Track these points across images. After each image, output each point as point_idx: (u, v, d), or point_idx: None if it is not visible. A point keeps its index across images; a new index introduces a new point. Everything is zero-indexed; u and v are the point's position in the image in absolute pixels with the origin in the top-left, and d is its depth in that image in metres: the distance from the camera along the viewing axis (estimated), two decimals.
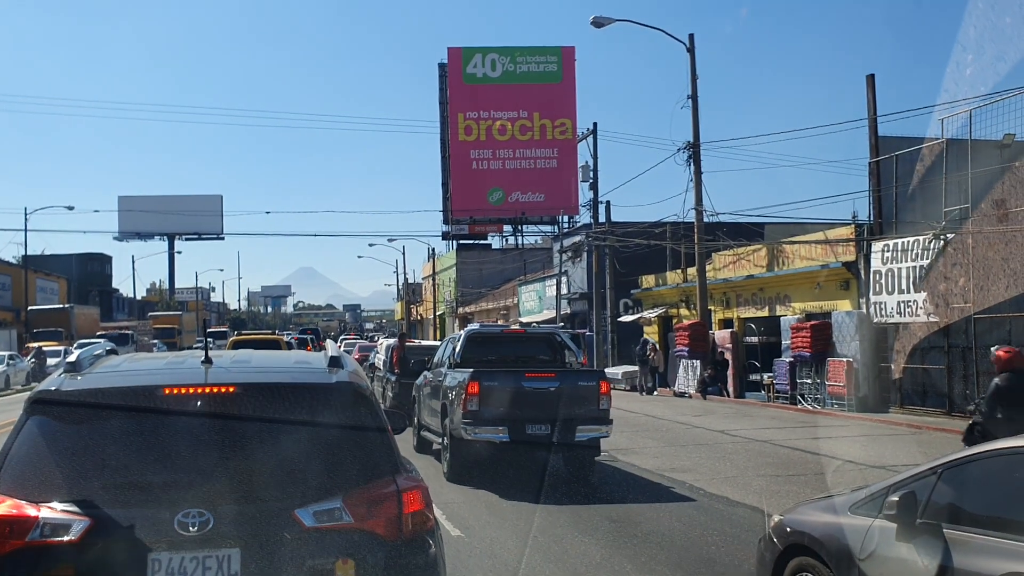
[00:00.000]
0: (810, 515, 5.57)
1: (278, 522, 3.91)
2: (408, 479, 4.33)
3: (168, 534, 3.80)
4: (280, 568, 3.87)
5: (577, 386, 12.14)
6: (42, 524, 3.78)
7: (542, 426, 11.72)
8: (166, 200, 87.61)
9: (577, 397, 11.95)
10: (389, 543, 4.03)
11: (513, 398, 11.74)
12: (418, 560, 4.12)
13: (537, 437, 11.76)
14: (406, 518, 4.11)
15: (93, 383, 4.37)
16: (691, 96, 28.06)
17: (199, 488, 3.94)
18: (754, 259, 28.82)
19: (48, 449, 4.05)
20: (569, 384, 12.14)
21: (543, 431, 11.71)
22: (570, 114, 64.34)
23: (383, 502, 4.09)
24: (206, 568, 3.82)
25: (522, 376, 12.14)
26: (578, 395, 11.98)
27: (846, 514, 5.18)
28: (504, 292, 64.64)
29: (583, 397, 11.99)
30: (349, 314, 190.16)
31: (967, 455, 4.89)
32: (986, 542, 4.29)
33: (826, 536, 5.22)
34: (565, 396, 11.87)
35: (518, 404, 11.74)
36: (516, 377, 12.08)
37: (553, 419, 11.71)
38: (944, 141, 19.87)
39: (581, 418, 11.84)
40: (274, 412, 4.26)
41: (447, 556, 6.55)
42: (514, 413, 11.68)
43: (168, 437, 4.15)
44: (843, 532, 5.10)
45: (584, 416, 11.88)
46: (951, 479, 4.76)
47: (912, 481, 4.89)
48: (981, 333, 18.95)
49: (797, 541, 5.46)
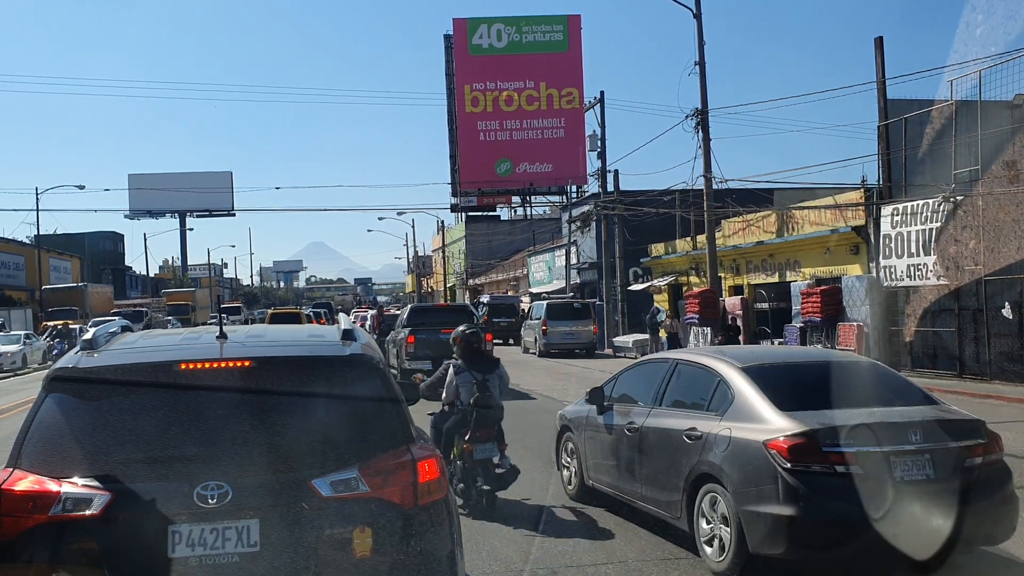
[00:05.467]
0: (569, 408, 9.79)
1: (296, 492, 3.97)
2: (423, 448, 4.40)
3: (188, 506, 3.85)
4: (299, 537, 3.93)
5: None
6: (64, 499, 3.85)
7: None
8: (176, 177, 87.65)
9: None
10: (405, 511, 4.09)
11: (434, 343, 18.97)
12: (433, 527, 4.18)
13: None
14: (421, 487, 4.17)
15: (110, 360, 4.41)
16: (698, 63, 27.87)
17: (217, 461, 3.99)
18: (763, 225, 28.77)
19: (67, 426, 4.11)
20: None
21: None
22: (577, 83, 63.95)
23: (398, 471, 4.16)
24: (226, 539, 3.87)
25: (439, 331, 18.46)
26: None
27: (582, 405, 9.09)
28: (514, 263, 64.73)
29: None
30: (361, 287, 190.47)
31: (629, 366, 9.20)
32: (630, 409, 8.14)
33: (573, 417, 9.38)
34: None
35: (437, 346, 18.42)
36: (436, 331, 19.08)
37: None
38: (954, 103, 19.75)
39: None
40: (289, 385, 4.32)
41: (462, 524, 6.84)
42: (436, 352, 18.48)
43: (185, 411, 4.19)
44: (579, 414, 9.20)
45: None
46: (621, 379, 8.81)
47: (605, 384, 8.87)
48: (992, 295, 18.95)
49: (564, 423, 9.60)
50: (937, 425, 6.37)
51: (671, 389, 7.73)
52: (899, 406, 6.65)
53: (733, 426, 6.61)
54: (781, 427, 6.26)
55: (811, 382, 7.02)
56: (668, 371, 7.90)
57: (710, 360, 7.45)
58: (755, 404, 6.62)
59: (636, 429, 7.78)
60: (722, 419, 6.76)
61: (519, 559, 7.16)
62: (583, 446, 8.93)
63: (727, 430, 6.62)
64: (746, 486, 6.29)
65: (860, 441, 6.08)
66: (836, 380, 6.93)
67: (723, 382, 7.03)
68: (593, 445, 8.71)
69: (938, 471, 6.12)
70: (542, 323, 33.01)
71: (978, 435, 6.37)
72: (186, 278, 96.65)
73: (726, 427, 6.65)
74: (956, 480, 6.13)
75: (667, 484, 7.21)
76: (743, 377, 6.90)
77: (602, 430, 8.47)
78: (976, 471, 6.21)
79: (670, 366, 7.97)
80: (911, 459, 6.12)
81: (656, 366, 8.38)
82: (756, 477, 6.23)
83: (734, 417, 6.68)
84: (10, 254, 57.81)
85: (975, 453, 6.25)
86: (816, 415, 6.32)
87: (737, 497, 6.33)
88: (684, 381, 7.69)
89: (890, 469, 6.05)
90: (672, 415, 7.44)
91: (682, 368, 7.79)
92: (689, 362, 7.80)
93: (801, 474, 6.03)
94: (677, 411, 7.45)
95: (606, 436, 8.39)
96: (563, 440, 9.50)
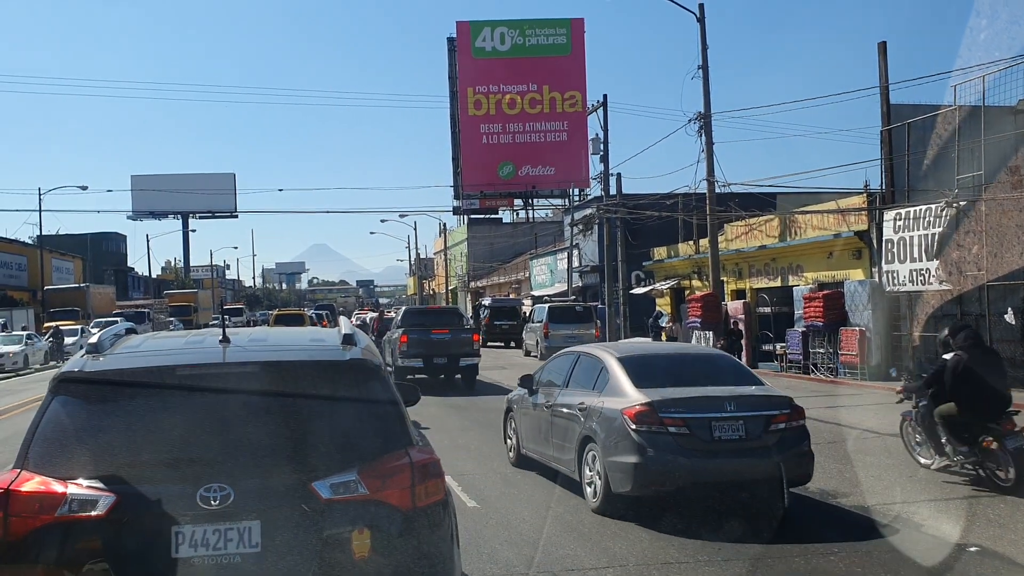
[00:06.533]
0: (513, 393, 11.75)
1: (296, 495, 4.05)
2: (421, 451, 4.48)
3: (191, 508, 3.94)
4: (299, 539, 4.01)
5: (460, 336, 22.23)
6: (70, 500, 3.94)
7: (442, 358, 21.85)
8: (179, 179, 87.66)
9: (460, 342, 22.04)
10: (403, 513, 4.17)
11: (425, 343, 21.68)
12: (432, 529, 4.26)
13: (439, 364, 21.92)
14: (419, 489, 4.25)
15: (115, 364, 4.49)
16: (701, 66, 27.86)
17: (220, 464, 4.08)
18: (766, 229, 28.75)
19: (73, 428, 4.20)
20: (456, 335, 22.19)
21: (442, 361, 21.92)
22: (580, 87, 63.98)
23: (397, 474, 4.24)
24: (228, 540, 3.95)
25: (430, 331, 21.93)
26: (461, 341, 22.07)
27: (519, 390, 11.20)
28: (516, 266, 64.68)
29: (464, 342, 22.10)
30: (363, 290, 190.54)
31: (551, 357, 11.21)
32: (549, 391, 10.16)
33: (514, 399, 11.43)
34: (454, 342, 21.93)
35: (428, 346, 21.67)
36: (427, 332, 21.92)
37: (447, 354, 21.80)
38: (957, 108, 19.72)
39: (463, 353, 21.92)
40: (290, 389, 4.40)
41: (463, 527, 6.90)
42: (426, 351, 21.66)
43: (189, 415, 4.29)
44: (517, 397, 11.33)
45: (464, 352, 21.96)
46: (545, 368, 10.80)
47: (535, 372, 10.97)
48: (995, 300, 18.91)
49: (508, 405, 11.70)
50: (751, 399, 8.53)
51: (575, 375, 9.87)
52: (728, 386, 8.74)
53: (606, 400, 8.76)
54: (634, 399, 8.41)
55: (668, 368, 9.26)
56: (574, 361, 10.12)
57: (599, 351, 9.78)
58: (622, 383, 8.79)
59: (550, 406, 9.97)
60: (600, 395, 8.92)
61: (521, 563, 7.15)
62: (519, 422, 11.12)
63: (602, 403, 8.78)
64: (609, 443, 8.44)
65: (688, 409, 8.24)
66: (688, 366, 9.38)
67: (604, 368, 9.22)
68: (525, 421, 10.92)
69: (749, 432, 8.26)
70: (544, 326, 32.98)
71: (784, 407, 8.49)
72: (188, 279, 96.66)
73: (601, 401, 8.82)
74: (763, 439, 8.26)
75: (566, 446, 9.40)
76: (617, 364, 9.07)
77: (530, 409, 10.66)
78: (780, 433, 8.34)
79: (575, 357, 10.17)
80: (727, 423, 8.25)
81: (567, 357, 10.51)
82: (616, 436, 8.38)
83: (608, 393, 8.84)
84: (12, 254, 57.88)
85: (779, 420, 8.38)
86: (660, 391, 8.44)
87: (604, 451, 8.48)
88: (582, 368, 9.80)
89: (711, 430, 8.18)
90: (572, 394, 9.58)
91: (582, 358, 9.96)
92: (587, 353, 10.00)
93: (644, 433, 8.17)
94: (576, 391, 9.57)
95: (533, 413, 10.56)
96: (508, 418, 11.69)
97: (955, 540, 7.57)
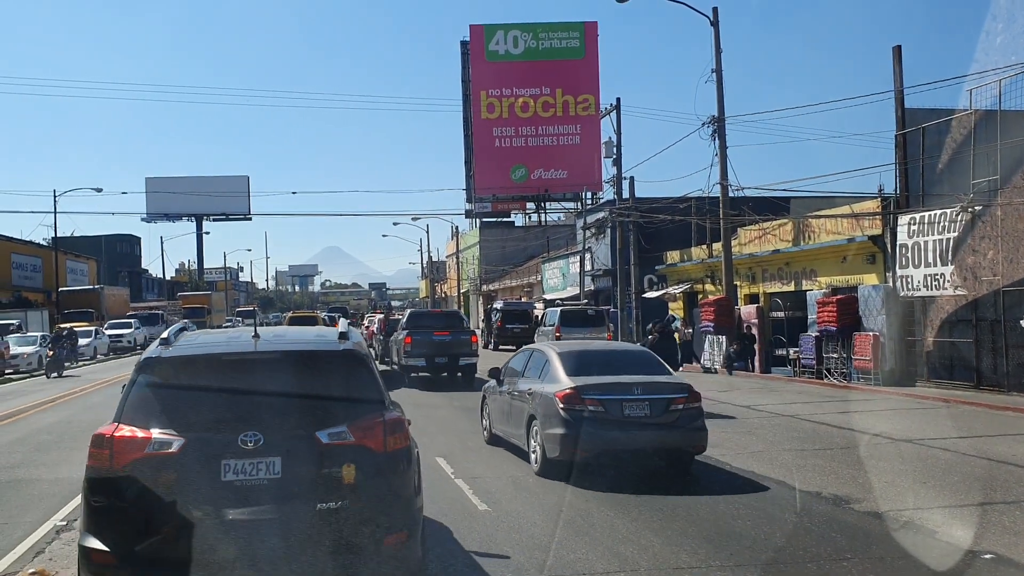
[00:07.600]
0: (488, 384, 13.68)
1: (305, 440, 5.70)
2: (391, 414, 6.09)
3: (234, 448, 5.57)
4: (307, 469, 5.62)
5: (460, 338, 24.14)
6: (153, 442, 5.60)
7: (443, 358, 23.77)
8: (193, 181, 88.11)
9: (460, 343, 24.00)
10: (378, 454, 5.80)
11: (428, 343, 23.56)
12: (398, 466, 5.88)
13: (440, 363, 23.86)
14: (390, 439, 5.89)
15: (180, 351, 6.22)
16: (715, 70, 27.83)
17: (253, 419, 5.72)
18: (780, 233, 28.66)
19: (152, 395, 5.91)
20: (456, 337, 24.11)
21: (443, 361, 23.83)
22: (593, 90, 64.00)
23: (375, 428, 5.88)
24: (259, 469, 5.59)
25: (432, 333, 23.85)
26: (461, 342, 24.04)
27: (491, 381, 13.39)
28: (528, 269, 64.67)
29: (464, 343, 24.09)
30: (375, 292, 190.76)
31: (513, 353, 13.55)
32: (511, 380, 12.46)
33: (488, 388, 13.63)
34: (454, 342, 23.88)
35: (430, 347, 23.57)
36: (429, 333, 23.84)
37: (448, 354, 23.79)
38: (973, 112, 19.61)
39: (463, 354, 23.91)
40: (302, 369, 6.19)
41: (473, 530, 7.67)
42: (428, 351, 23.59)
43: (232, 386, 5.97)
44: (490, 387, 13.47)
45: (464, 352, 23.94)
46: (510, 362, 13.04)
47: (502, 365, 13.12)
48: (1010, 306, 18.78)
49: (484, 393, 13.81)
50: (655, 385, 10.80)
51: (528, 366, 12.13)
52: (640, 374, 10.98)
53: (545, 386, 11.05)
54: (564, 384, 10.70)
55: (596, 360, 11.55)
56: (529, 356, 12.46)
57: (546, 348, 12.21)
58: (558, 372, 11.08)
59: (510, 392, 12.32)
60: (543, 382, 11.20)
61: (533, 567, 7.14)
62: (490, 407, 13.45)
63: (543, 388, 11.07)
64: (545, 419, 10.71)
65: (604, 392, 10.49)
66: (613, 360, 11.72)
67: (548, 360, 11.51)
68: (493, 405, 13.25)
69: (653, 411, 10.51)
70: (556, 329, 32.95)
71: (683, 392, 10.74)
72: (202, 281, 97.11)
73: (543, 387, 11.10)
74: (664, 416, 10.50)
75: (519, 424, 11.67)
76: (557, 357, 11.42)
77: (497, 395, 12.99)
78: (679, 412, 10.57)
79: (531, 352, 12.57)
80: (635, 404, 10.47)
81: (525, 352, 12.82)
82: (550, 413, 10.64)
83: (547, 381, 11.13)
84: (28, 256, 58.27)
85: (679, 402, 10.61)
86: (585, 379, 10.70)
87: (542, 426, 10.75)
88: (534, 361, 12.06)
89: (622, 409, 10.43)
90: (525, 382, 11.81)
91: (535, 353, 12.32)
92: (538, 350, 12.42)
93: (569, 411, 10.40)
94: (528, 379, 11.81)
95: (499, 399, 12.84)
96: (483, 404, 13.94)
97: (969, 547, 7.52)
